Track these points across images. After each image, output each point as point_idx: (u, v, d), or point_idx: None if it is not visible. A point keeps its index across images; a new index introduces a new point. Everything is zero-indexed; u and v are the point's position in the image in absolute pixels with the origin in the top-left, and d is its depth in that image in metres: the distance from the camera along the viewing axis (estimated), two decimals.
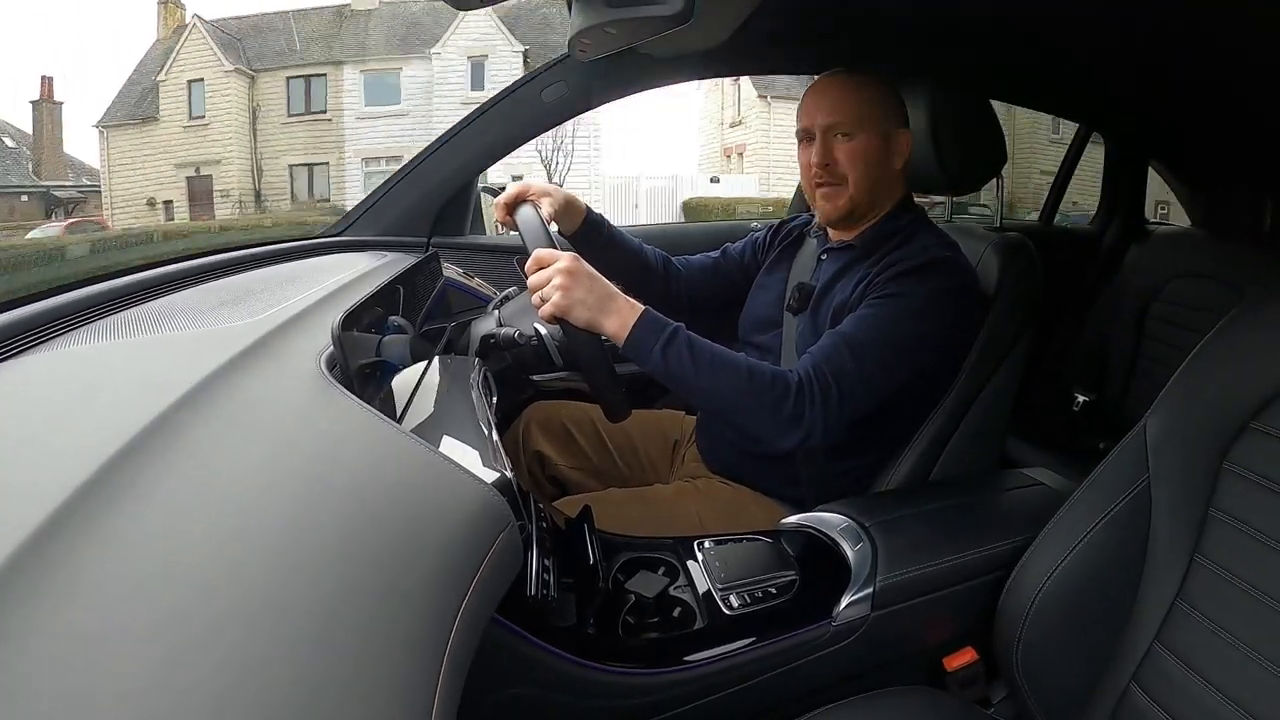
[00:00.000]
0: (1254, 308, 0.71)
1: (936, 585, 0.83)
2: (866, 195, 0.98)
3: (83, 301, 0.67)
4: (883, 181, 0.99)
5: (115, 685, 0.25)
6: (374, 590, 0.35)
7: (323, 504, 0.39)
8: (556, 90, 1.28)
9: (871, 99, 0.97)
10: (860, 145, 0.96)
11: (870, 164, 0.97)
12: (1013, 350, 1.02)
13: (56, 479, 0.32)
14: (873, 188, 0.98)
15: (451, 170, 1.33)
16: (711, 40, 1.17)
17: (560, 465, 1.15)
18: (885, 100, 0.98)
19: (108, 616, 0.27)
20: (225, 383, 0.47)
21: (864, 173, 0.97)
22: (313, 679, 0.29)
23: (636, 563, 0.83)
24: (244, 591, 0.31)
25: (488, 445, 0.58)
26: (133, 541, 0.31)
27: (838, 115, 0.96)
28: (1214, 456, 0.68)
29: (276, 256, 1.08)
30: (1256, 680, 0.61)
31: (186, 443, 0.39)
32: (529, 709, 0.65)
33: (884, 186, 1.00)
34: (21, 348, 0.54)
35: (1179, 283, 1.69)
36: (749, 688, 0.75)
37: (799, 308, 1.03)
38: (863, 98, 0.97)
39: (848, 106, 0.96)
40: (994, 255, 1.04)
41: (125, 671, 0.25)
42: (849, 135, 0.96)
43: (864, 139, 0.96)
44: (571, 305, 0.79)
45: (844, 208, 0.99)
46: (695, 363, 0.82)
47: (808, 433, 0.84)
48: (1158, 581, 0.71)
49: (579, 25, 0.98)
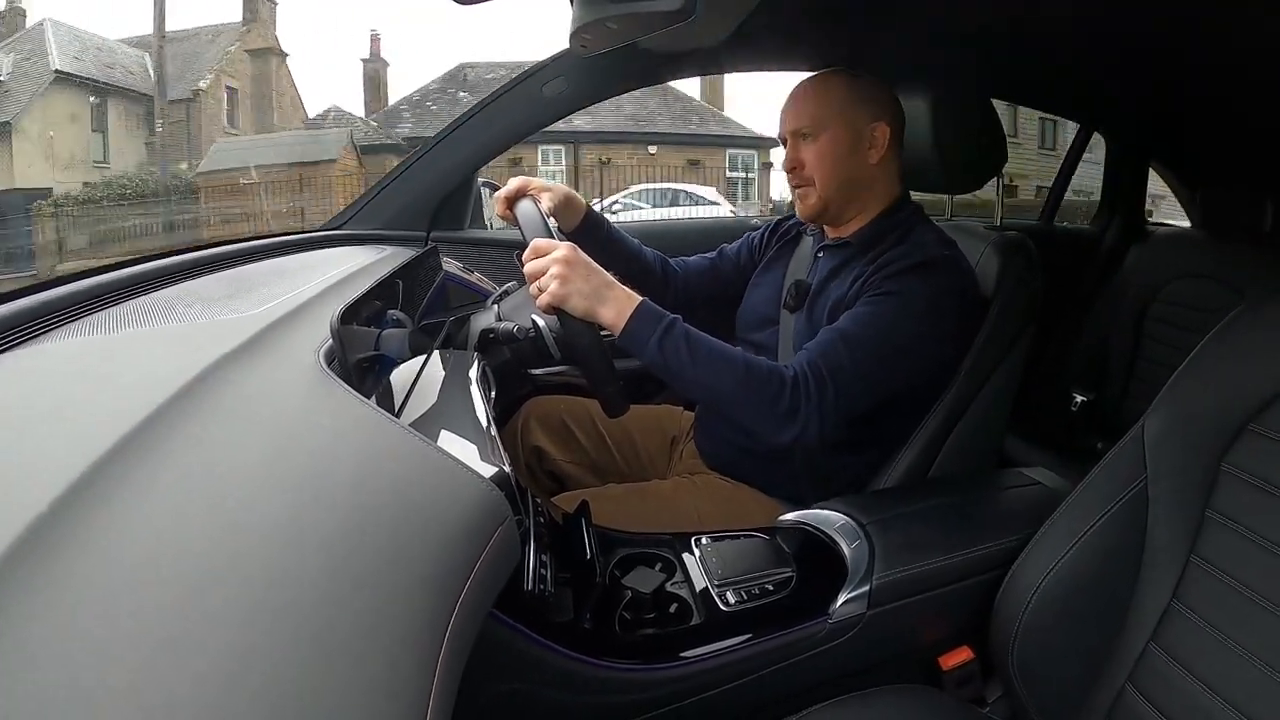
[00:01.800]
0: (1253, 309, 0.71)
1: (933, 583, 0.83)
2: (836, 193, 0.99)
3: (79, 295, 0.67)
4: (857, 178, 0.99)
5: (113, 676, 0.24)
6: (371, 584, 0.35)
7: (321, 498, 0.39)
8: (557, 85, 1.28)
9: (835, 97, 0.97)
10: (824, 145, 0.97)
11: (836, 162, 0.97)
12: (1012, 350, 1.02)
13: (55, 471, 0.32)
14: (843, 185, 0.99)
15: (451, 164, 1.33)
16: (712, 37, 1.17)
17: (558, 460, 1.15)
18: (853, 96, 0.98)
19: (106, 609, 0.27)
20: (223, 376, 0.47)
21: (830, 172, 0.98)
22: (310, 671, 0.29)
23: (634, 558, 0.83)
24: (241, 584, 0.31)
25: (486, 440, 0.58)
26: (131, 534, 0.31)
27: (800, 120, 0.98)
28: (1212, 458, 0.68)
29: (275, 250, 1.08)
30: (1252, 681, 0.62)
31: (184, 436, 0.39)
32: (525, 704, 0.65)
33: (861, 182, 0.99)
34: (19, 340, 0.54)
35: (1178, 283, 1.69)
36: (745, 684, 0.75)
37: (795, 305, 1.03)
38: (824, 98, 0.97)
39: (808, 109, 0.98)
40: (994, 255, 1.04)
41: (123, 662, 0.25)
42: (811, 137, 0.98)
43: (826, 138, 0.97)
44: (568, 294, 0.79)
45: (815, 206, 1.00)
46: (692, 355, 0.82)
47: (803, 428, 0.84)
48: (1154, 582, 0.71)
49: (580, 20, 0.98)
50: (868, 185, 1.00)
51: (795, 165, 0.99)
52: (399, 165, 1.35)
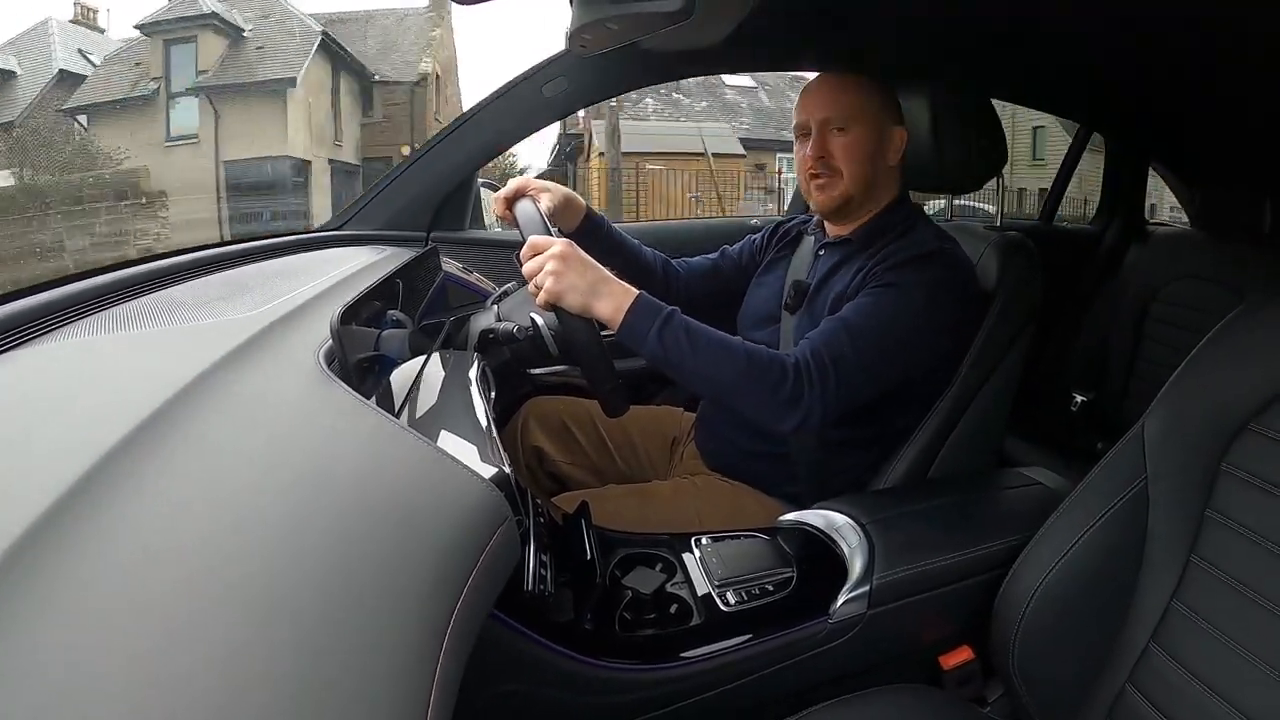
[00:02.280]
0: (1253, 309, 0.71)
1: (933, 583, 0.83)
2: (861, 188, 0.99)
3: (80, 295, 0.67)
4: (878, 176, 1.00)
5: (113, 676, 0.25)
6: (371, 584, 0.35)
7: (320, 498, 0.39)
8: (557, 85, 1.28)
9: (866, 96, 0.98)
10: (855, 139, 0.98)
11: (865, 158, 0.98)
12: (1011, 349, 1.02)
13: (55, 472, 0.32)
14: (867, 181, 0.99)
15: (451, 165, 1.33)
16: (712, 37, 1.17)
17: (558, 461, 1.15)
18: (880, 98, 0.99)
19: (106, 609, 0.27)
20: (223, 376, 0.47)
21: (859, 166, 0.98)
22: (309, 671, 0.29)
23: (634, 559, 0.83)
24: (241, 585, 0.31)
25: (486, 440, 0.58)
26: (131, 535, 0.31)
27: (833, 110, 0.98)
28: (1212, 458, 0.68)
29: (275, 250, 1.08)
30: (1252, 681, 0.61)
31: (185, 436, 0.39)
32: (525, 704, 0.65)
33: (879, 181, 1.00)
34: (20, 341, 0.54)
35: (1178, 284, 1.69)
36: (745, 684, 0.75)
37: (795, 306, 1.03)
38: (858, 94, 0.98)
39: (843, 102, 0.98)
40: (994, 254, 1.04)
41: (123, 662, 0.25)
42: (844, 129, 0.98)
43: (858, 133, 0.97)
44: (565, 290, 0.78)
45: (838, 198, 1.00)
46: (692, 345, 0.82)
47: (806, 415, 0.84)
48: (1154, 582, 0.71)
49: (580, 21, 0.97)
50: (883, 186, 1.02)
51: (823, 154, 0.99)
52: (399, 165, 1.35)
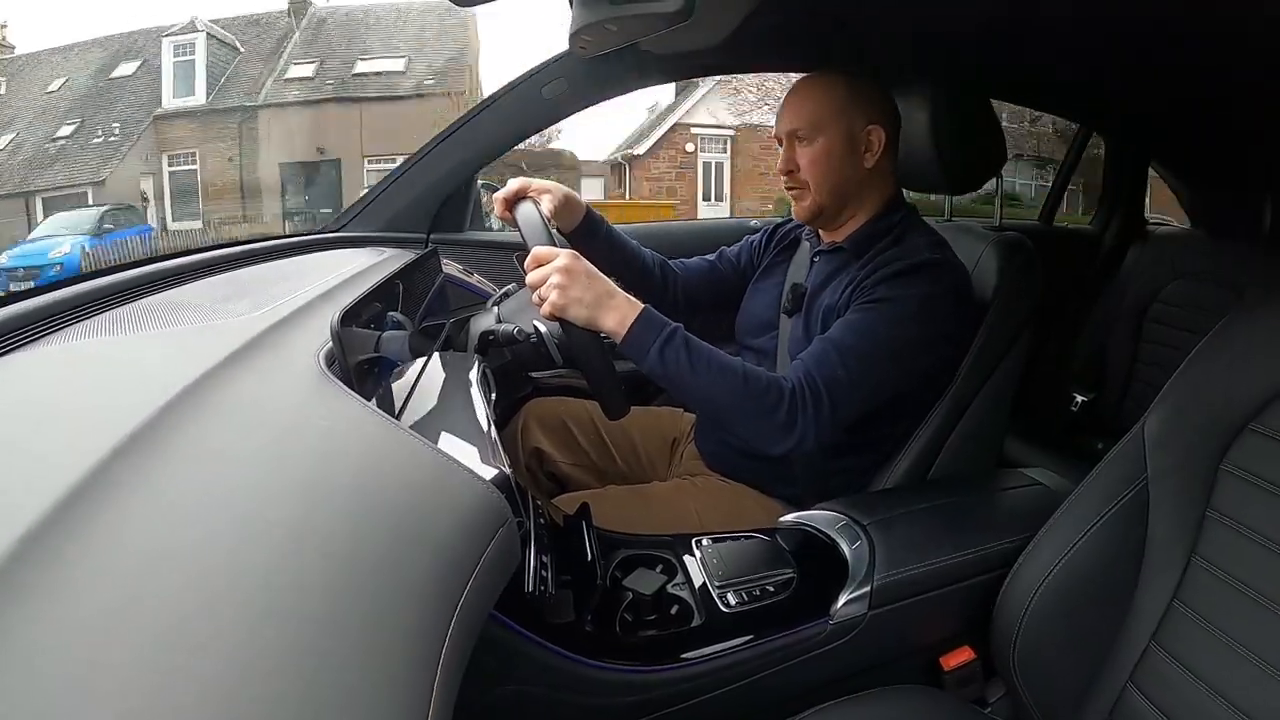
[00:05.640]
0: (1252, 309, 0.71)
1: (934, 584, 0.83)
2: (830, 197, 0.99)
3: (80, 297, 0.67)
4: (850, 182, 0.99)
5: (114, 678, 0.25)
6: (371, 585, 0.35)
7: (321, 500, 0.39)
8: (557, 86, 1.28)
9: (832, 99, 0.97)
10: (819, 150, 0.97)
11: (830, 167, 0.97)
12: (1011, 350, 1.02)
13: (56, 474, 0.32)
14: (836, 189, 0.98)
15: (451, 166, 1.33)
16: (712, 38, 1.17)
17: (559, 462, 1.15)
18: (851, 99, 0.97)
19: (106, 610, 0.27)
20: (223, 379, 0.47)
21: (823, 176, 0.97)
22: (310, 672, 0.29)
23: (634, 560, 0.83)
24: (241, 585, 0.31)
25: (486, 442, 0.58)
26: (131, 536, 0.31)
27: (796, 121, 0.98)
28: (1212, 457, 0.68)
29: (275, 252, 1.08)
30: (1253, 681, 0.62)
31: (185, 438, 0.39)
32: (525, 705, 0.65)
33: (854, 186, 0.99)
34: (20, 342, 0.54)
35: (1178, 284, 1.69)
36: (746, 686, 0.75)
37: (793, 309, 1.03)
38: (819, 101, 0.97)
39: (805, 112, 0.97)
40: (993, 255, 1.04)
41: (123, 664, 0.25)
42: (807, 140, 0.97)
43: (822, 143, 0.97)
44: (569, 303, 0.79)
45: (810, 209, 1.00)
46: (692, 364, 0.82)
47: (800, 439, 0.85)
48: (1155, 582, 0.71)
49: (579, 22, 0.97)
50: (862, 189, 1.00)
51: (790, 168, 0.99)
52: (399, 167, 1.35)
